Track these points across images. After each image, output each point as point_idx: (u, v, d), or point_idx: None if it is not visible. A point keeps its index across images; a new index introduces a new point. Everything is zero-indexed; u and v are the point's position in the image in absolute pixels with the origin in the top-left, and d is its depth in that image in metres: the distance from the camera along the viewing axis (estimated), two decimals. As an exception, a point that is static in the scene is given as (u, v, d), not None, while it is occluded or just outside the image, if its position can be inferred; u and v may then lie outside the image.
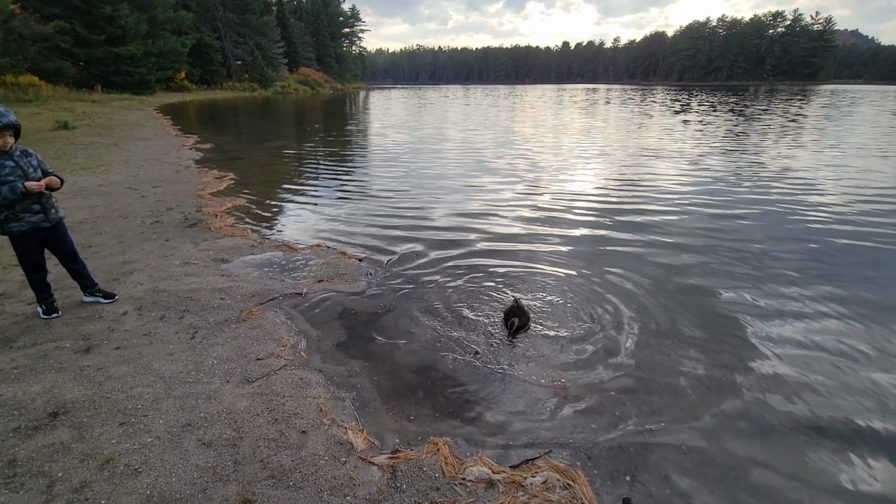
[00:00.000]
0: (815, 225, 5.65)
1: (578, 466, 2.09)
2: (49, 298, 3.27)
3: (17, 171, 2.90)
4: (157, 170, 8.80)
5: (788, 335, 3.23)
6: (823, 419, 2.44)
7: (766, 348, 3.06)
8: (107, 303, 3.49)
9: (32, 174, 2.96)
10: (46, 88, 23.15)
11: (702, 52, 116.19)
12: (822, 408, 2.52)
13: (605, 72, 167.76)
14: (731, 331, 3.27)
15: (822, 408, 2.52)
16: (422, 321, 3.40)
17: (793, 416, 2.45)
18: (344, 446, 2.17)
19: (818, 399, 2.59)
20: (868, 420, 2.43)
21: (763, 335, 3.22)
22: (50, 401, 2.41)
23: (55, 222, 3.16)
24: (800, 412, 2.49)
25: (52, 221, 3.13)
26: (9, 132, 2.86)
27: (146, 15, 31.72)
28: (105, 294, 3.54)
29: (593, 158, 10.49)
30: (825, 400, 2.58)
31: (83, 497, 1.85)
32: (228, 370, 2.72)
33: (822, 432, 2.35)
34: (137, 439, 2.16)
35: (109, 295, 3.55)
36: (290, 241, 5.05)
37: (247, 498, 1.87)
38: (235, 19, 48.61)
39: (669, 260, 4.57)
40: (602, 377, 2.76)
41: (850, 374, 2.80)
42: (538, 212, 6.25)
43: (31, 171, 2.97)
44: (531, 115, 23.20)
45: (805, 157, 10.30)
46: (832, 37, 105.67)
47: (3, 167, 2.86)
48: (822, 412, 2.49)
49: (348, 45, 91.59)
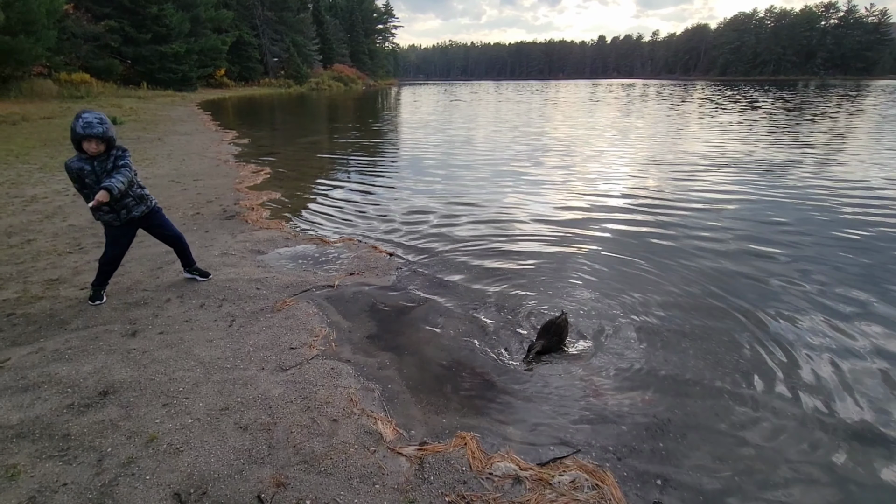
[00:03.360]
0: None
1: (608, 467, 2.06)
2: (99, 288, 3.46)
3: (92, 175, 3.09)
4: (197, 164, 9.14)
5: (833, 346, 3.08)
6: (875, 427, 2.32)
7: (811, 356, 2.93)
8: (203, 280, 3.83)
9: (105, 179, 3.08)
10: (97, 85, 24.42)
11: (747, 45, 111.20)
12: (872, 415, 2.40)
13: (643, 66, 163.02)
14: (776, 338, 3.15)
15: (872, 415, 2.40)
16: (450, 317, 3.41)
17: (842, 425, 2.34)
18: (373, 436, 2.21)
19: (869, 407, 2.46)
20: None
21: (810, 344, 3.08)
22: (100, 380, 2.55)
23: (125, 221, 3.33)
24: (849, 418, 2.37)
25: (123, 220, 3.32)
26: (94, 140, 3.02)
27: (189, 14, 32.93)
28: (201, 272, 3.88)
29: (637, 162, 10.24)
30: (874, 407, 2.46)
31: (130, 472, 1.96)
32: (264, 358, 2.81)
33: (873, 441, 2.23)
34: (179, 420, 2.27)
35: (205, 273, 3.88)
36: (322, 235, 5.16)
37: (280, 481, 1.93)
38: (273, 17, 49.83)
39: (716, 271, 4.42)
40: (634, 379, 2.70)
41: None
42: (574, 213, 6.15)
43: (105, 176, 3.10)
44: (565, 112, 22.84)
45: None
46: (888, 29, 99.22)
47: (83, 172, 3.08)
48: (873, 419, 2.36)
49: (381, 41, 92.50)
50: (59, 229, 5.07)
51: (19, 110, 15.18)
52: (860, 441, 2.26)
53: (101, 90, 24.19)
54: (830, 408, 2.48)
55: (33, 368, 2.65)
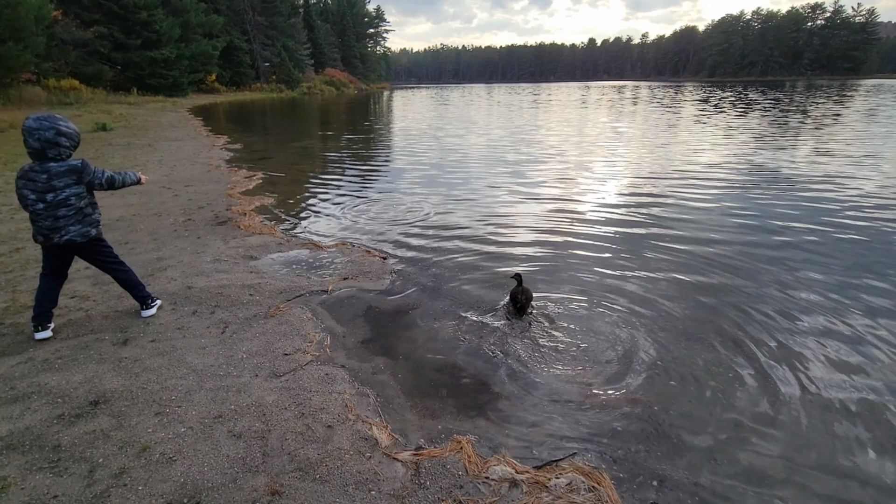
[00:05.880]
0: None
1: (604, 469, 2.06)
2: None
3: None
4: (189, 169, 9.08)
5: (833, 348, 3.11)
6: (875, 427, 2.34)
7: (811, 354, 2.95)
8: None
9: None
10: (86, 91, 24.22)
11: (735, 46, 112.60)
12: (872, 415, 2.42)
13: (633, 68, 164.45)
14: (770, 340, 3.17)
15: (872, 415, 2.42)
16: (445, 320, 3.41)
17: (842, 425, 2.36)
18: (368, 442, 2.20)
19: (865, 401, 2.49)
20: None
21: (808, 345, 3.10)
22: (91, 390, 2.52)
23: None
24: (850, 418, 2.39)
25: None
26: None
27: (179, 19, 32.80)
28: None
29: (631, 164, 10.30)
30: (873, 409, 2.48)
31: (122, 482, 1.93)
32: (257, 364, 2.79)
33: (873, 442, 2.25)
34: (172, 429, 2.24)
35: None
36: (315, 239, 5.14)
37: (275, 489, 1.92)
38: (264, 22, 49.74)
39: (709, 269, 4.45)
40: (629, 380, 2.71)
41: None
42: (570, 218, 6.16)
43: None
44: (560, 116, 22.96)
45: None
46: (875, 29, 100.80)
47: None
48: (873, 419, 2.39)
49: (373, 45, 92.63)
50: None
51: (7, 118, 15.00)
52: (860, 442, 2.28)
53: (90, 96, 24.01)
54: (829, 408, 2.50)
55: (22, 378, 2.61)
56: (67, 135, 2.94)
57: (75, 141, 3.01)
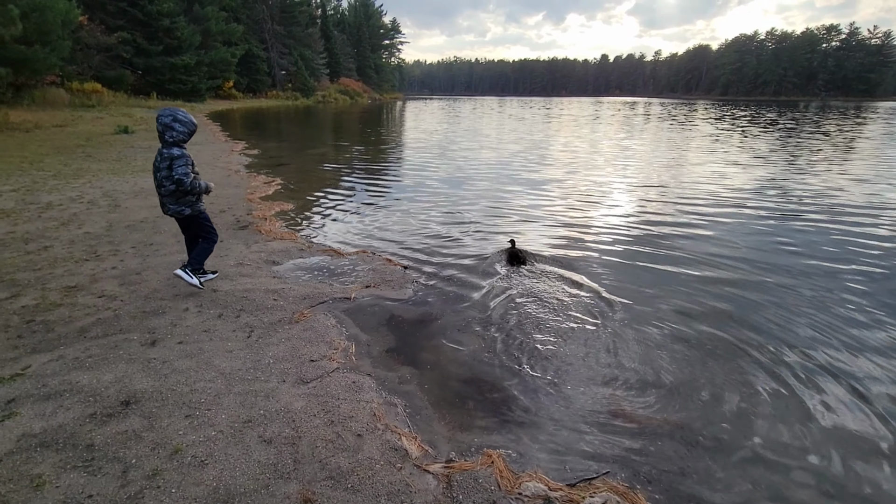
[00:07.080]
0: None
1: (639, 490, 2.03)
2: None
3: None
4: (209, 173, 9.19)
5: (866, 368, 3.05)
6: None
7: (847, 380, 2.90)
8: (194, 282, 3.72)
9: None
10: (107, 95, 24.72)
11: (748, 65, 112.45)
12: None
13: (645, 85, 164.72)
14: (806, 363, 3.12)
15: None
16: (468, 332, 3.40)
17: (883, 449, 2.31)
18: (399, 452, 2.19)
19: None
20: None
21: (839, 367, 3.05)
22: (121, 390, 2.53)
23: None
24: (888, 454, 2.33)
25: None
26: None
27: (200, 27, 33.52)
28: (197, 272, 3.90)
29: (648, 180, 10.28)
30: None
31: (155, 484, 1.93)
32: (284, 370, 2.79)
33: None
34: (202, 432, 2.25)
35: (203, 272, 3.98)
36: (336, 246, 5.16)
37: (308, 497, 1.91)
38: (282, 31, 50.68)
39: (731, 288, 4.41)
40: (661, 400, 2.67)
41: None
42: (589, 229, 6.15)
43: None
44: (573, 132, 23.01)
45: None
46: (891, 52, 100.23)
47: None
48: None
49: (387, 56, 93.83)
50: (74, 236, 5.08)
51: (32, 118, 15.35)
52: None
53: (111, 99, 24.50)
54: (872, 430, 2.44)
55: (54, 376, 2.63)
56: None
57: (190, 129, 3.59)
